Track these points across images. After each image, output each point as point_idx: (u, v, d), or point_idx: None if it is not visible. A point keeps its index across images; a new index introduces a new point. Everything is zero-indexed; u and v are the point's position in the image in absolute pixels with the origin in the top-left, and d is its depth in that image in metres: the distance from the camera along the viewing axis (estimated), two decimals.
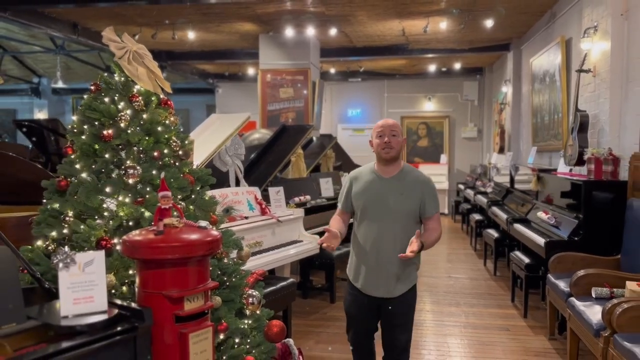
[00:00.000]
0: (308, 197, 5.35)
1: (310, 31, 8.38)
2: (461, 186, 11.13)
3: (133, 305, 1.77)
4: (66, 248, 1.76)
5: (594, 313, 3.05)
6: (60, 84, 11.06)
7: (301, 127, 6.61)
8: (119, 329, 1.66)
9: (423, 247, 2.57)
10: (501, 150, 9.64)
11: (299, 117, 9.07)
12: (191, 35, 8.53)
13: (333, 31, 8.38)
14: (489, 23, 7.47)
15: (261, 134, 7.00)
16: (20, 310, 1.66)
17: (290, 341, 2.67)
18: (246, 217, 3.87)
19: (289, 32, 8.35)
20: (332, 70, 12.45)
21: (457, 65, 11.65)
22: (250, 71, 11.75)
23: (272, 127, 7.61)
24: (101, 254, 1.78)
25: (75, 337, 1.57)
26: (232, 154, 4.11)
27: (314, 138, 7.82)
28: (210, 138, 3.98)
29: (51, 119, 6.29)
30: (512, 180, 7.09)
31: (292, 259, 4.19)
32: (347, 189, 2.84)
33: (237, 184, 4.23)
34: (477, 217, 7.86)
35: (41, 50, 10.38)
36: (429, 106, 12.99)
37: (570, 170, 5.00)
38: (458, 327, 4.46)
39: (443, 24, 7.71)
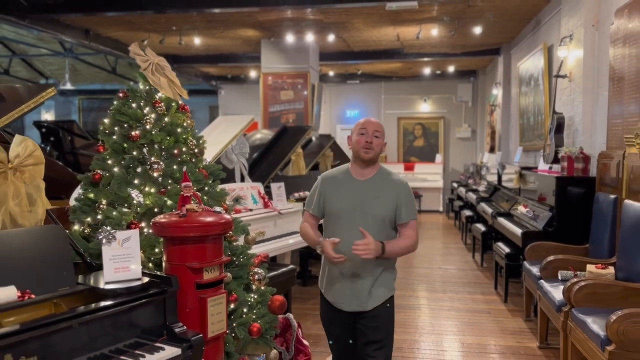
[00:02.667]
0: (307, 192, 5.75)
1: (310, 37, 8.76)
2: (455, 184, 11.52)
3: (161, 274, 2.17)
4: (108, 227, 2.17)
5: (557, 292, 3.45)
6: (68, 86, 11.42)
7: (301, 127, 6.97)
8: (151, 292, 2.06)
9: (384, 251, 2.34)
10: (492, 150, 10.02)
11: (299, 118, 9.42)
12: (197, 40, 8.91)
13: (331, 37, 8.76)
14: (477, 30, 7.87)
15: (263, 134, 7.37)
16: (72, 277, 2.07)
17: (290, 315, 3.06)
18: (251, 210, 4.28)
19: (289, 37, 8.72)
20: (331, 73, 12.79)
21: (451, 68, 12.01)
22: (252, 74, 12.07)
23: (274, 128, 7.95)
24: (136, 232, 2.18)
25: (117, 298, 1.95)
26: (237, 153, 4.51)
27: (313, 138, 8.18)
28: (217, 138, 4.37)
29: (67, 121, 6.69)
30: (499, 178, 7.47)
31: (292, 248, 4.59)
32: (318, 192, 2.60)
33: (242, 179, 4.64)
34: (467, 213, 8.24)
35: (49, 53, 10.63)
36: (425, 107, 13.37)
37: (550, 167, 5.39)
38: (443, 310, 4.87)
39: (435, 31, 8.10)
